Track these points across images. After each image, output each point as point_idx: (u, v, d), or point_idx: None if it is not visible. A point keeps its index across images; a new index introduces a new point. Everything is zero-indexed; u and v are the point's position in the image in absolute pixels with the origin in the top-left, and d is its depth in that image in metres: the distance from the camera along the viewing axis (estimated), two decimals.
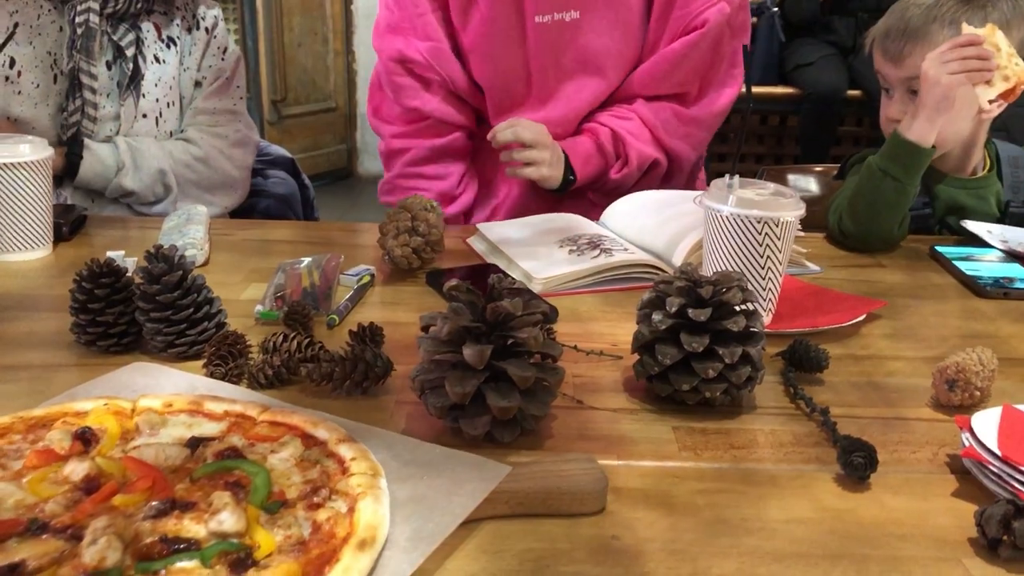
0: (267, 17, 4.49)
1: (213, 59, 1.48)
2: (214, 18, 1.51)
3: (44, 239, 1.09)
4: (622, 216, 1.23)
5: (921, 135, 1.16)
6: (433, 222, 1.07)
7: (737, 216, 0.89)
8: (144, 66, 1.40)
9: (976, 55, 1.14)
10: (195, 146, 1.44)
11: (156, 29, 1.44)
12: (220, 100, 1.49)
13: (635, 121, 1.43)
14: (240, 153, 1.50)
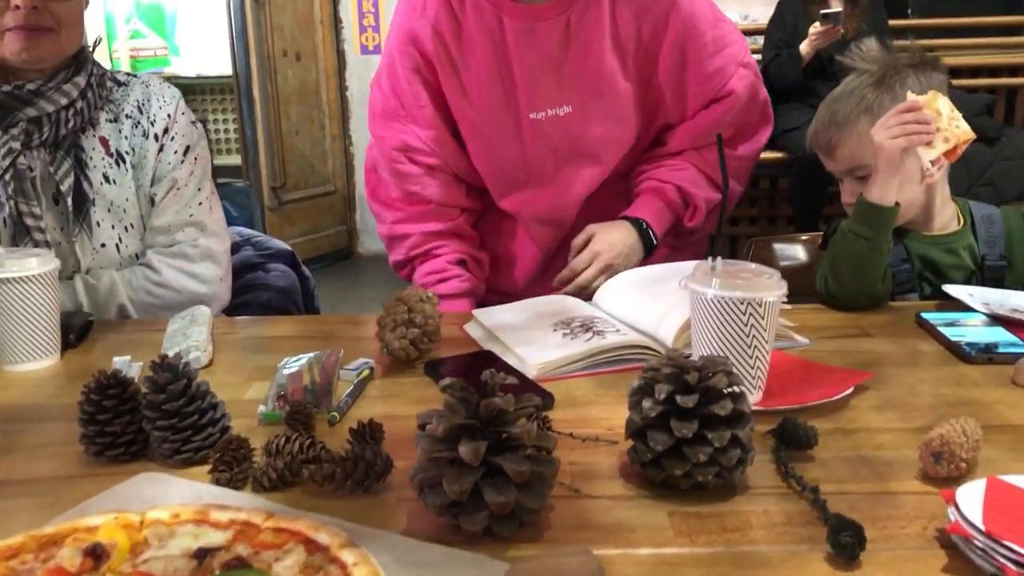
0: (264, 106, 4.61)
1: (167, 168, 1.38)
2: (166, 118, 1.39)
3: (52, 348, 1.12)
4: (613, 296, 1.26)
5: (880, 196, 1.25)
6: (429, 313, 1.11)
7: (721, 298, 0.92)
8: (92, 192, 1.33)
9: (915, 119, 1.23)
10: (154, 271, 1.36)
11: (103, 144, 1.36)
12: (177, 213, 1.39)
13: (691, 170, 1.52)
14: (206, 268, 1.40)
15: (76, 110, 1.31)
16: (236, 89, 4.66)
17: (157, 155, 1.38)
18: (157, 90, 1.41)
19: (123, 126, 1.38)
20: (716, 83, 1.48)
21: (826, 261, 1.30)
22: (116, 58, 5.95)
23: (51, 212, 1.32)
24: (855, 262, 1.26)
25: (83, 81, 1.33)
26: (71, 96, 1.31)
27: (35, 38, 1.26)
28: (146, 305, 1.36)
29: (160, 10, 6.15)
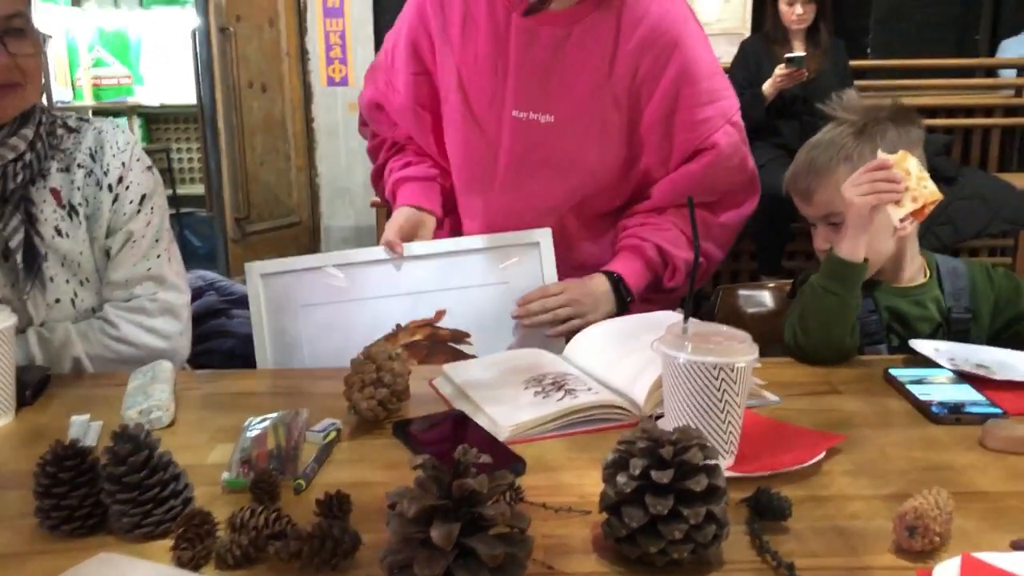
0: (229, 137, 4.56)
1: (123, 219, 1.33)
2: (120, 167, 1.33)
3: (7, 407, 1.09)
4: (585, 350, 1.25)
5: (850, 252, 1.26)
6: (398, 371, 1.09)
7: (693, 363, 0.91)
8: (43, 247, 1.27)
9: (885, 178, 1.25)
10: (112, 326, 1.31)
11: (54, 196, 1.30)
12: (134, 267, 1.34)
13: (673, 231, 1.52)
14: (165, 323, 1.35)
15: (25, 163, 1.26)
16: (201, 119, 4.61)
17: (112, 206, 1.32)
18: (111, 137, 1.35)
19: (75, 176, 1.32)
20: (702, 133, 1.48)
21: (795, 314, 1.31)
22: (79, 87, 5.89)
23: (1, 268, 1.27)
24: (824, 317, 1.26)
25: (31, 132, 1.27)
26: (19, 149, 1.25)
27: (5, 97, 1.22)
28: (103, 360, 1.31)
29: (124, 38, 6.09)
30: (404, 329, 1.46)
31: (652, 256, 1.50)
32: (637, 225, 1.53)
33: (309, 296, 1.45)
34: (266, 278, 1.45)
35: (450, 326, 1.46)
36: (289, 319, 1.44)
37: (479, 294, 1.46)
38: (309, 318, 1.44)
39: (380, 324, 1.44)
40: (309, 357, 1.43)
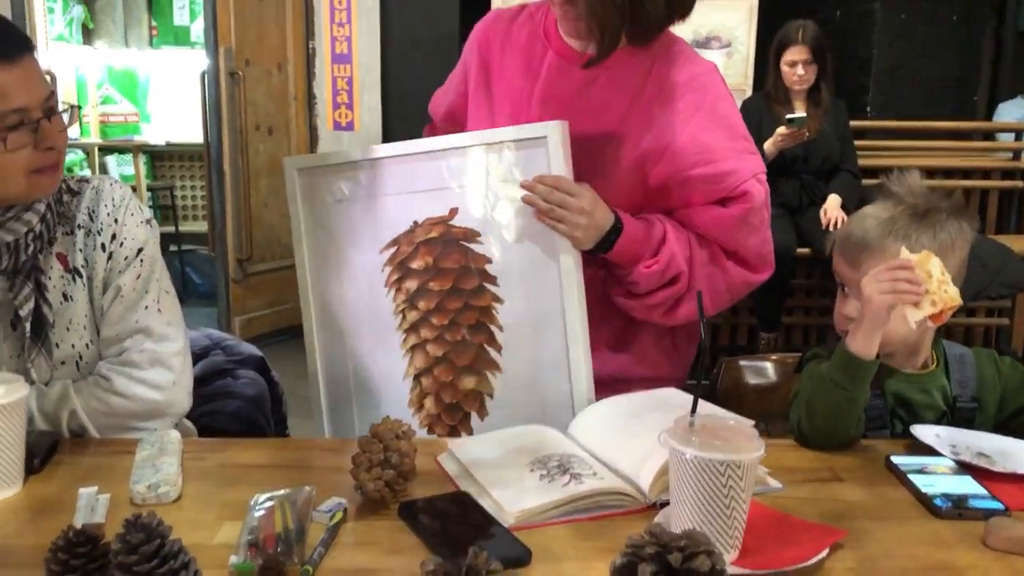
0: (234, 179, 4.60)
1: (115, 276, 1.35)
2: (113, 224, 1.35)
3: (15, 478, 1.09)
4: (590, 432, 1.26)
5: (862, 348, 1.26)
6: (405, 450, 1.10)
7: (700, 459, 0.92)
8: (50, 314, 1.29)
9: (907, 279, 1.23)
10: (104, 380, 1.32)
11: (61, 261, 1.33)
12: (123, 321, 1.34)
13: (684, 240, 1.48)
14: (156, 373, 1.34)
15: (36, 234, 1.29)
16: (207, 160, 4.66)
17: (106, 264, 1.34)
18: (106, 194, 1.37)
19: (77, 238, 1.34)
20: (729, 183, 1.46)
21: (800, 401, 1.31)
22: (86, 123, 5.95)
23: (8, 338, 1.29)
24: (830, 411, 1.26)
25: (43, 206, 1.30)
26: (31, 224, 1.28)
27: (53, 174, 1.27)
28: (99, 414, 1.31)
29: (133, 76, 6.17)
30: (420, 226, 1.51)
31: (655, 235, 1.45)
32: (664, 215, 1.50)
33: (340, 191, 1.55)
34: (301, 172, 1.59)
35: (462, 224, 1.48)
36: (323, 214, 1.57)
37: (489, 191, 1.46)
38: (343, 213, 1.55)
39: (402, 220, 1.52)
40: (344, 252, 1.56)
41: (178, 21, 6.09)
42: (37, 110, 1.21)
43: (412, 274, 1.50)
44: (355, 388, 1.57)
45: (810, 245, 3.71)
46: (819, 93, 3.80)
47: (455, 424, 1.50)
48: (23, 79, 1.20)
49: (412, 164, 1.51)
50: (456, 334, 1.48)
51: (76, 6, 5.72)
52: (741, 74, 5.00)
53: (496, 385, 1.47)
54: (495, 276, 1.46)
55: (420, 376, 1.51)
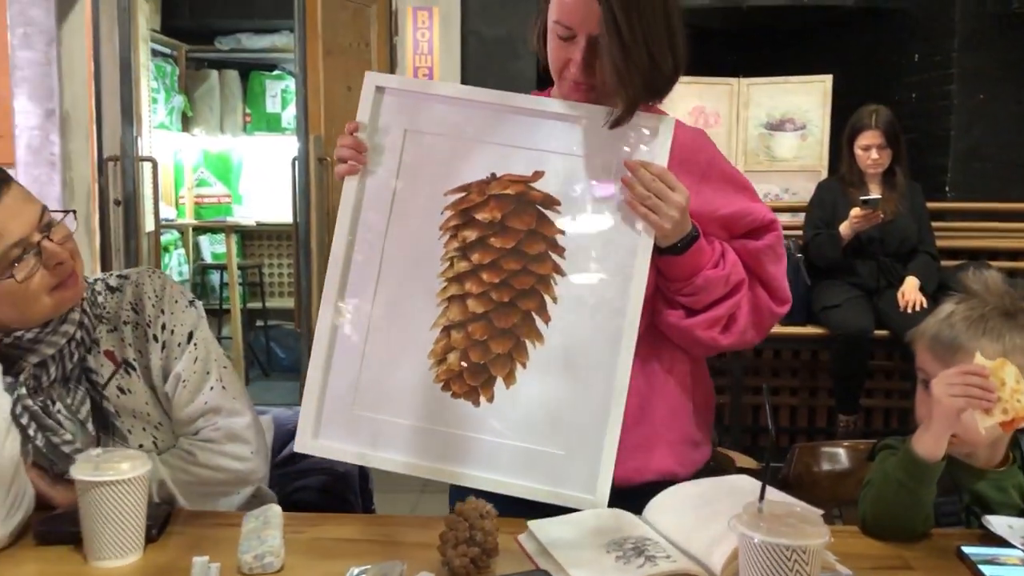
0: (320, 259, 4.80)
1: (172, 363, 1.43)
2: (160, 314, 1.44)
3: (137, 546, 1.20)
4: (665, 512, 1.31)
5: (928, 450, 1.28)
6: (489, 529, 1.17)
7: (767, 544, 0.98)
8: (111, 406, 1.40)
9: (979, 384, 1.25)
10: (188, 454, 1.43)
11: (110, 358, 1.41)
12: (191, 405, 1.44)
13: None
14: (234, 447, 1.44)
15: (77, 341, 1.39)
16: (296, 241, 4.88)
17: (161, 353, 1.43)
18: (147, 287, 1.46)
19: (124, 333, 1.43)
20: (756, 216, 1.47)
21: (868, 494, 1.34)
22: (181, 204, 6.28)
23: (82, 435, 1.39)
24: (896, 508, 1.29)
25: (77, 314, 1.39)
26: (69, 333, 1.37)
27: (71, 286, 1.35)
28: (187, 484, 1.42)
29: (227, 160, 6.51)
30: (498, 180, 1.43)
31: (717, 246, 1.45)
32: None
33: (414, 120, 1.45)
34: (379, 91, 1.45)
35: (544, 189, 1.43)
36: (389, 137, 1.45)
37: (582, 166, 1.42)
38: (408, 141, 1.45)
39: (475, 168, 1.44)
40: (399, 180, 1.45)
41: (270, 109, 6.43)
42: (34, 234, 1.30)
43: (474, 224, 1.42)
44: (372, 324, 1.44)
45: (888, 327, 3.69)
46: (894, 176, 3.83)
47: (476, 385, 1.41)
48: (9, 215, 1.28)
49: (504, 116, 1.44)
50: (504, 295, 1.41)
51: (177, 96, 6.10)
52: (816, 156, 5.06)
53: (533, 356, 1.41)
54: (563, 248, 1.41)
55: (451, 328, 1.42)
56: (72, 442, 1.37)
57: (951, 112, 4.97)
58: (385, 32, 5.11)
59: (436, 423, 1.41)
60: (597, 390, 1.39)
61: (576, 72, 1.40)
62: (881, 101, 4.18)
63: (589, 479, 1.37)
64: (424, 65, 5.16)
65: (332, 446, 1.43)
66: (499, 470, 1.39)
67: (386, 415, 1.42)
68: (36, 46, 3.16)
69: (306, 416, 1.42)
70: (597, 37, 1.34)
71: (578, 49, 1.37)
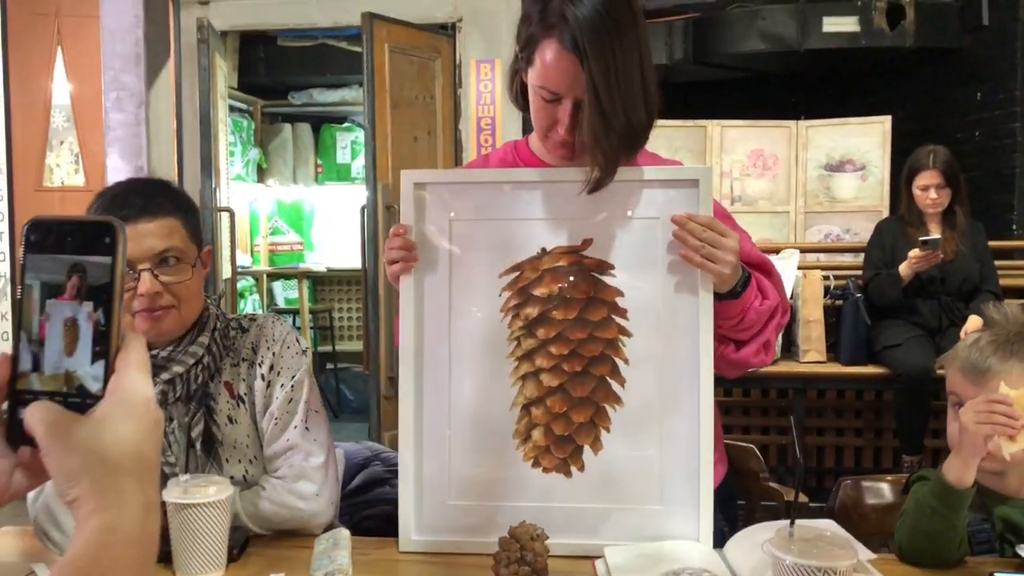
0: (388, 304, 4.96)
1: (273, 402, 1.54)
2: (272, 356, 1.55)
3: (220, 563, 1.32)
4: (740, 548, 1.36)
5: (958, 477, 1.33)
6: (539, 550, 1.26)
7: (798, 566, 1.05)
8: (219, 433, 1.52)
9: (1004, 412, 1.32)
10: (263, 490, 1.51)
11: (228, 389, 1.54)
12: (277, 442, 1.54)
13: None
14: (303, 485, 1.51)
15: (204, 365, 1.51)
16: (364, 286, 5.05)
17: (265, 392, 1.55)
18: (268, 331, 1.58)
19: (241, 369, 1.56)
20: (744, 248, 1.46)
21: (905, 524, 1.38)
22: (256, 252, 6.54)
23: (185, 456, 1.51)
24: (930, 535, 1.34)
25: (207, 339, 1.52)
26: (197, 355, 1.50)
27: (160, 318, 1.45)
28: (256, 518, 1.50)
29: (299, 209, 6.78)
30: (549, 254, 1.47)
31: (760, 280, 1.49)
32: None
33: (458, 209, 1.48)
34: (418, 187, 1.48)
35: (596, 255, 1.47)
36: (436, 230, 1.48)
37: (628, 226, 1.46)
38: (455, 231, 1.48)
39: (525, 246, 1.47)
40: (453, 269, 1.48)
41: (340, 159, 6.70)
42: (143, 263, 1.42)
43: (534, 301, 1.46)
44: (452, 415, 1.48)
45: None
46: (954, 215, 3.82)
47: (565, 457, 1.46)
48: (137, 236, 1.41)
49: (543, 191, 1.48)
50: (576, 365, 1.45)
51: (252, 149, 6.40)
52: (876, 196, 5.07)
53: (615, 419, 1.45)
54: (625, 309, 1.45)
55: (530, 406, 1.46)
56: (173, 465, 1.50)
57: (1015, 150, 4.95)
58: (449, 84, 5.31)
59: (533, 500, 1.44)
60: (683, 439, 1.43)
61: (564, 133, 1.43)
62: (942, 140, 4.20)
63: (691, 526, 1.42)
64: (487, 115, 5.33)
65: (433, 540, 1.46)
66: (604, 535, 1.43)
67: (481, 501, 1.46)
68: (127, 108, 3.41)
69: (405, 515, 1.46)
70: (582, 100, 1.38)
71: (565, 112, 1.41)
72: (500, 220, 1.48)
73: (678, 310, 1.44)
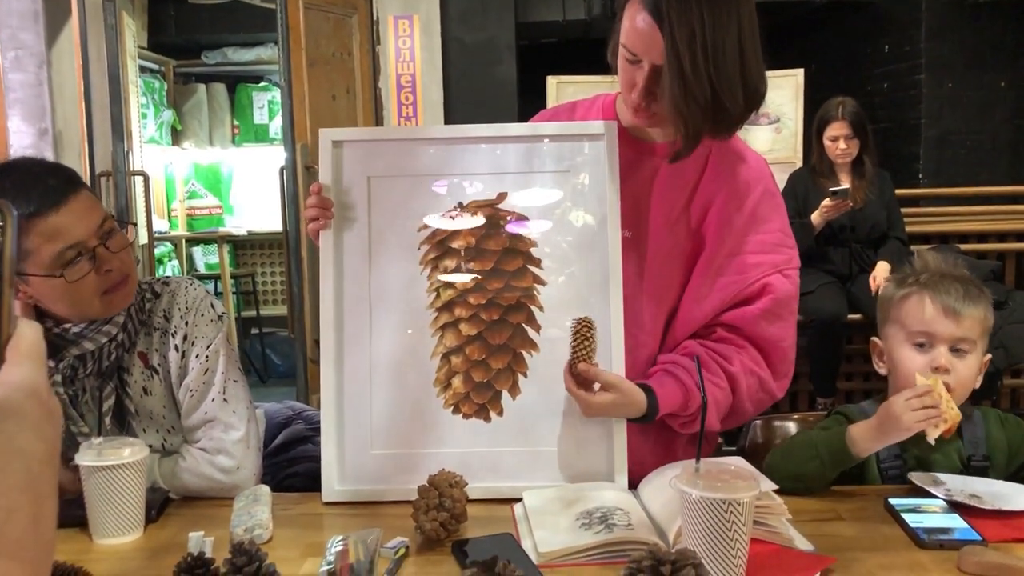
0: (311, 264, 4.91)
1: (187, 372, 1.52)
2: (185, 325, 1.52)
3: (138, 524, 1.32)
4: (651, 487, 1.41)
5: (866, 448, 1.42)
6: (457, 496, 1.29)
7: (704, 499, 1.10)
8: (132, 406, 1.50)
9: (932, 403, 1.38)
10: (182, 459, 1.51)
11: (142, 359, 1.52)
12: (194, 414, 1.53)
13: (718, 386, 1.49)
14: (222, 459, 1.50)
15: (117, 342, 1.48)
16: (286, 248, 4.99)
17: (180, 362, 1.52)
18: (181, 297, 1.55)
19: (154, 338, 1.53)
20: (749, 276, 1.50)
21: (787, 448, 1.48)
22: (174, 217, 6.39)
23: (98, 429, 1.49)
24: (799, 476, 1.43)
25: (122, 317, 1.47)
26: (111, 334, 1.46)
27: (119, 290, 1.44)
28: (174, 487, 1.50)
29: (217, 172, 6.63)
30: (465, 208, 1.51)
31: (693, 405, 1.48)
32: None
33: (376, 167, 1.51)
34: (337, 145, 1.51)
35: (510, 208, 1.51)
36: (355, 187, 1.51)
37: (541, 180, 1.51)
38: (374, 187, 1.51)
39: (442, 200, 1.51)
40: (372, 225, 1.51)
41: (258, 120, 6.56)
42: (92, 239, 1.39)
43: (451, 253, 1.50)
44: (373, 367, 1.50)
45: (861, 311, 3.82)
46: (862, 165, 3.95)
47: (484, 403, 1.49)
48: (73, 218, 1.37)
49: (459, 147, 1.52)
50: (493, 313, 1.49)
51: (166, 111, 6.22)
52: (791, 148, 5.18)
53: (531, 364, 1.49)
54: (539, 259, 1.49)
55: (450, 355, 1.49)
56: (88, 435, 1.47)
57: (921, 101, 5.11)
58: (367, 41, 5.23)
59: (453, 446, 1.48)
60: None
61: (637, 97, 1.41)
62: (853, 92, 4.31)
63: (608, 467, 1.47)
64: (407, 72, 5.28)
65: (357, 489, 1.48)
66: (521, 477, 1.47)
67: (403, 448, 1.49)
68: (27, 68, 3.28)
69: (328, 465, 1.48)
70: (661, 67, 1.35)
71: (642, 75, 1.39)
72: (417, 176, 1.52)
73: (589, 258, 1.49)
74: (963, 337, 1.49)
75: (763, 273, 1.51)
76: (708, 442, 1.65)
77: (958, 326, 1.49)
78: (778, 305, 1.52)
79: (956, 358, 1.48)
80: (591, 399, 1.40)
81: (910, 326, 1.52)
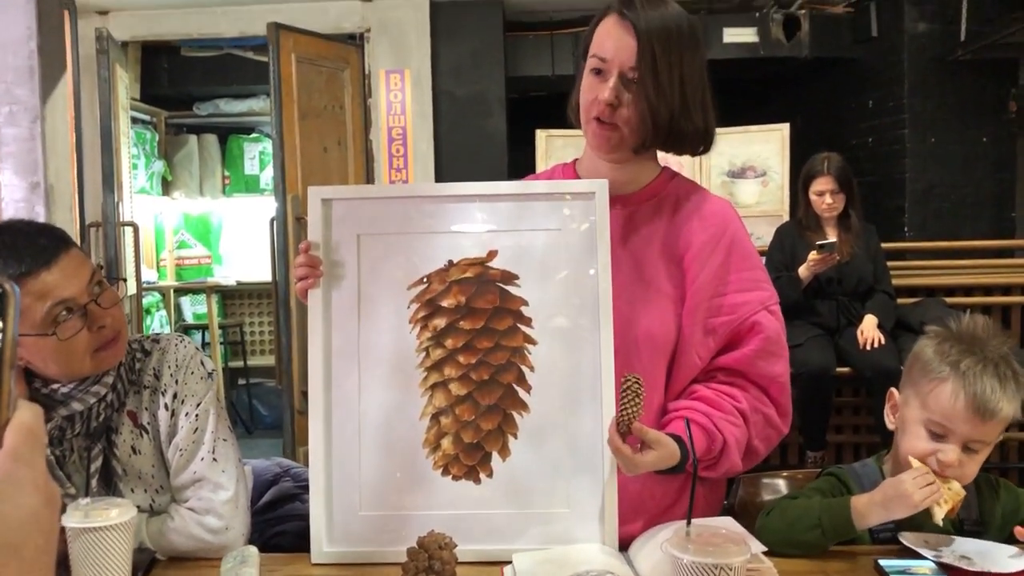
0: (300, 317, 4.90)
1: (177, 431, 1.51)
2: (175, 384, 1.52)
3: None
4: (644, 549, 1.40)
5: (868, 521, 1.41)
6: (447, 559, 1.28)
7: (695, 563, 1.10)
8: (119, 467, 1.49)
9: (933, 482, 1.38)
10: (170, 519, 1.49)
11: (131, 418, 1.50)
12: (183, 473, 1.51)
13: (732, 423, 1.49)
14: (211, 519, 1.49)
15: (107, 403, 1.47)
16: (275, 299, 4.99)
17: (169, 421, 1.51)
18: (170, 355, 1.54)
19: (143, 397, 1.52)
20: (741, 314, 1.52)
21: (783, 511, 1.46)
22: (163, 267, 6.39)
23: (85, 489, 1.47)
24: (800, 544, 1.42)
25: (111, 377, 1.47)
26: (100, 395, 1.46)
27: (110, 348, 1.43)
28: (162, 548, 1.49)
29: (207, 222, 6.64)
30: (455, 265, 1.51)
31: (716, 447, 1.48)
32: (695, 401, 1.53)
33: (366, 224, 1.52)
34: (326, 203, 1.51)
35: (501, 266, 1.51)
36: (344, 245, 1.51)
37: (532, 238, 1.51)
38: (363, 245, 1.51)
39: (432, 258, 1.51)
40: (362, 283, 1.51)
41: (248, 171, 6.59)
42: (83, 296, 1.39)
43: (441, 312, 1.49)
44: (362, 427, 1.49)
45: (849, 364, 3.83)
46: (848, 219, 3.98)
47: (474, 464, 1.48)
48: (63, 276, 1.37)
49: (449, 205, 1.53)
50: (483, 373, 1.48)
51: (157, 162, 6.25)
52: (777, 201, 5.25)
53: (522, 425, 1.48)
54: (530, 318, 1.49)
55: (439, 415, 1.49)
56: (74, 496, 1.45)
57: (905, 155, 5.19)
58: (359, 94, 5.29)
59: (443, 507, 1.46)
60: (587, 443, 1.46)
61: (602, 108, 1.45)
62: (838, 147, 4.38)
63: (597, 529, 1.45)
64: (398, 125, 5.33)
65: (346, 551, 1.47)
66: (511, 539, 1.45)
67: (392, 510, 1.47)
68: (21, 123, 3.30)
69: (316, 526, 1.47)
70: (628, 74, 1.44)
71: (607, 86, 1.45)
72: (407, 234, 1.52)
73: (580, 318, 1.49)
74: (981, 440, 1.44)
75: (752, 311, 1.53)
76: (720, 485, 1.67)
77: (982, 427, 1.43)
78: (770, 343, 1.53)
79: (966, 455, 1.44)
80: (638, 459, 1.36)
81: (932, 412, 1.45)
